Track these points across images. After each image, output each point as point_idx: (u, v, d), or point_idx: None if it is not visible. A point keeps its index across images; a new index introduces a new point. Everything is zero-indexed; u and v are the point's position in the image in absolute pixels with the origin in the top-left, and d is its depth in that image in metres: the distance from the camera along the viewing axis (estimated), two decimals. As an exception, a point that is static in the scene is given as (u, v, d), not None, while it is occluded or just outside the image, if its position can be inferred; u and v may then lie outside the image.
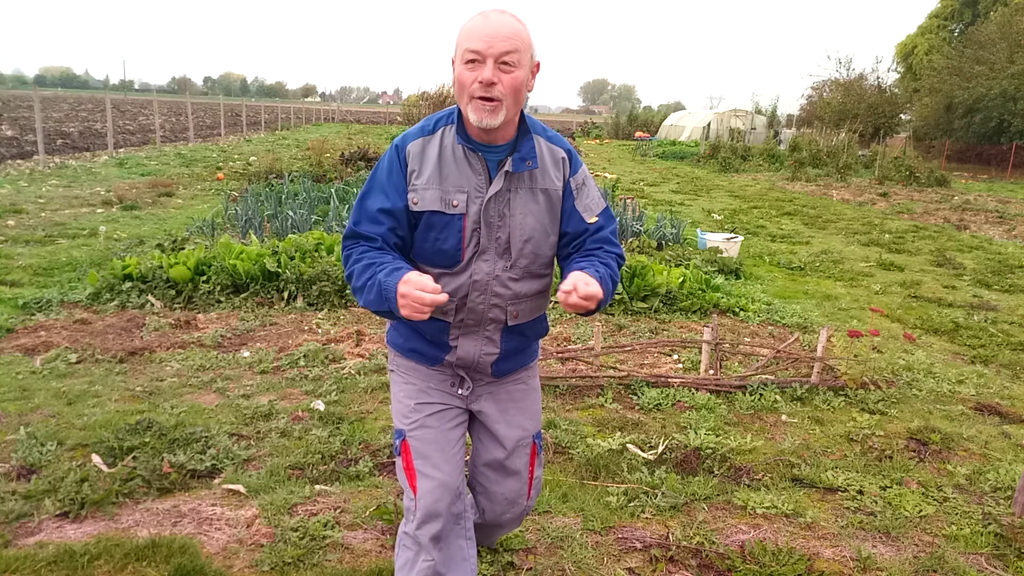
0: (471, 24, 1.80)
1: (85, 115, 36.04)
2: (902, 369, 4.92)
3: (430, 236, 1.91)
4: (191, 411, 3.77)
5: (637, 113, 51.56)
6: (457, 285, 1.93)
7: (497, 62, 1.76)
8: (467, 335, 2.00)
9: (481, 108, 1.79)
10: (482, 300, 1.95)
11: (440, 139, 1.90)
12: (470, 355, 2.02)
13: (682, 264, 7.27)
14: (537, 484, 2.25)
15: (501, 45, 1.76)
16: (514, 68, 1.78)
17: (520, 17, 1.84)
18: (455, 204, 1.88)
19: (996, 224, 13.12)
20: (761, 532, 2.93)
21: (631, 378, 4.40)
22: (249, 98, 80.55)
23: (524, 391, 2.17)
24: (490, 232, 1.91)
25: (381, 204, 1.90)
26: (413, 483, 2.00)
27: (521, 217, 1.92)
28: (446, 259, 1.92)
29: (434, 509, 1.97)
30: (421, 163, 1.89)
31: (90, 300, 5.63)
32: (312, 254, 6.27)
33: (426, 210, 1.88)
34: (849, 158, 23.55)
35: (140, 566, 2.51)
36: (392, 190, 1.90)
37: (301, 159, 15.86)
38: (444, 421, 2.04)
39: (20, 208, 9.59)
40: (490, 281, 1.94)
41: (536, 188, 1.93)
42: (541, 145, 1.95)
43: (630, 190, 15.42)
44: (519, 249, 1.93)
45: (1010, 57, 28.28)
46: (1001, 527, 3.01)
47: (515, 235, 1.92)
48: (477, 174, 1.89)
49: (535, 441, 2.19)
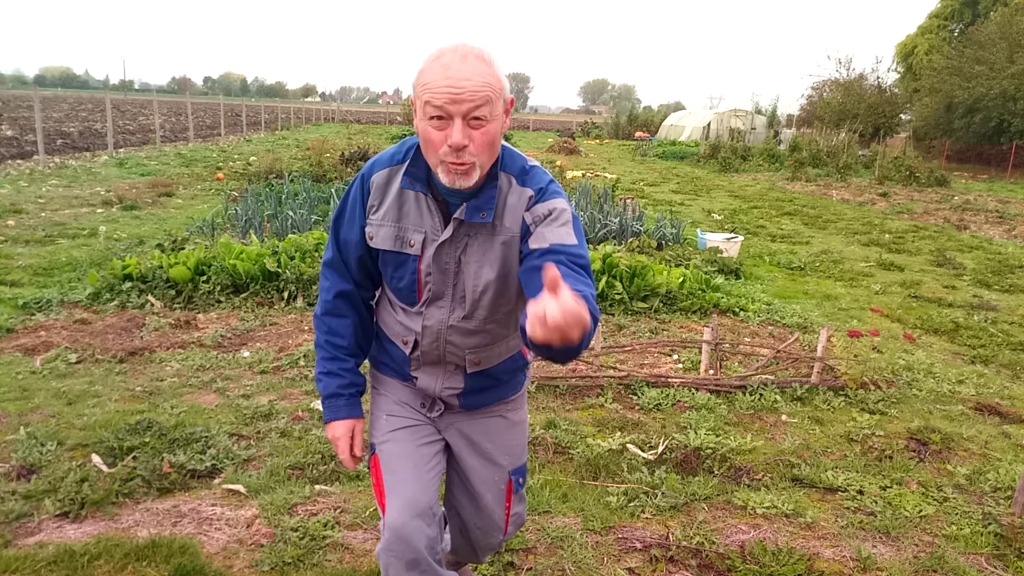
0: (431, 74, 1.54)
1: (85, 115, 36.04)
2: (902, 369, 4.92)
3: (387, 272, 1.81)
4: (191, 411, 3.77)
5: (637, 113, 51.54)
6: (413, 324, 1.82)
7: (466, 119, 1.54)
8: (426, 370, 1.87)
9: (453, 172, 1.59)
10: (436, 346, 1.82)
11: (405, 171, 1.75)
12: (431, 388, 1.88)
13: (682, 264, 7.27)
14: (516, 520, 2.09)
15: (470, 101, 1.52)
16: (486, 122, 1.56)
17: (485, 53, 1.59)
18: (411, 244, 1.74)
19: (996, 224, 13.12)
20: (761, 532, 2.93)
21: (631, 378, 4.40)
22: (249, 98, 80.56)
23: (502, 425, 1.97)
24: (445, 279, 1.75)
25: (346, 235, 1.84)
26: (382, 501, 1.84)
27: (476, 267, 1.73)
28: (404, 297, 1.82)
29: (403, 527, 1.75)
30: (382, 197, 1.76)
31: (90, 300, 5.63)
32: (312, 254, 6.27)
33: (379, 248, 1.77)
34: (849, 158, 23.55)
35: (140, 566, 2.51)
36: (356, 222, 1.82)
37: (301, 159, 15.86)
38: (416, 437, 1.89)
39: (20, 208, 9.59)
40: (442, 330, 1.79)
41: (496, 237, 1.70)
42: (508, 189, 1.70)
43: (630, 190, 15.43)
44: (475, 300, 1.76)
45: (1010, 57, 28.27)
46: (1001, 527, 3.01)
47: (469, 284, 1.74)
48: (433, 217, 1.72)
49: (512, 478, 1.99)
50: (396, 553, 1.77)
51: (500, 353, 1.89)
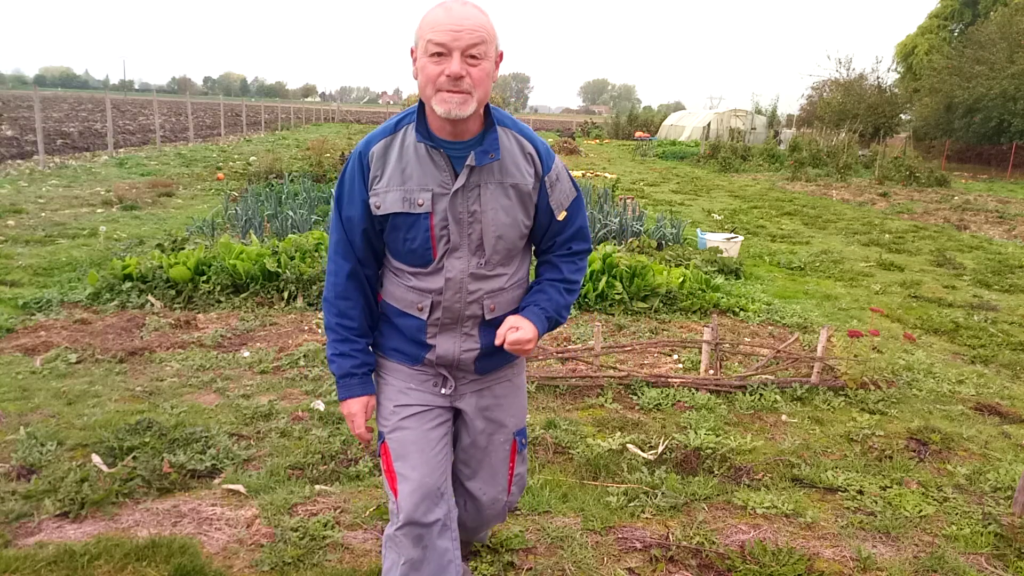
0: (433, 16, 1.76)
1: (85, 115, 36.05)
2: (902, 369, 4.92)
3: (398, 237, 1.90)
4: (191, 411, 3.77)
5: (637, 113, 51.54)
6: (429, 284, 1.93)
7: (464, 55, 1.73)
8: (445, 333, 1.98)
9: (449, 100, 1.74)
10: (458, 298, 1.94)
11: (402, 138, 1.88)
12: (450, 353, 1.99)
13: (682, 264, 7.27)
14: (519, 480, 2.24)
15: (468, 38, 1.72)
16: (480, 60, 1.75)
17: (482, 7, 1.81)
18: (420, 203, 1.85)
19: (996, 224, 13.11)
20: (761, 532, 2.93)
21: (631, 378, 4.40)
22: (249, 98, 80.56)
23: (508, 389, 2.14)
24: (461, 229, 1.88)
25: (348, 212, 1.92)
26: (394, 485, 1.97)
27: (492, 213, 1.89)
28: (417, 259, 1.91)
29: (414, 512, 1.93)
30: (383, 166, 1.88)
31: (90, 300, 5.63)
32: (312, 254, 6.27)
33: (389, 213, 1.87)
34: (849, 158, 23.55)
35: (140, 566, 2.51)
36: (357, 197, 1.91)
37: (301, 159, 15.85)
38: (424, 422, 2.00)
39: (20, 208, 9.60)
40: (463, 279, 1.92)
41: (506, 183, 1.90)
42: (508, 137, 1.92)
43: (630, 190, 15.43)
44: (492, 245, 1.92)
45: (1010, 57, 28.25)
46: (1001, 527, 3.01)
47: (487, 231, 1.90)
48: (441, 171, 1.86)
49: (516, 438, 2.17)
50: (405, 532, 1.94)
51: (511, 300, 2.03)
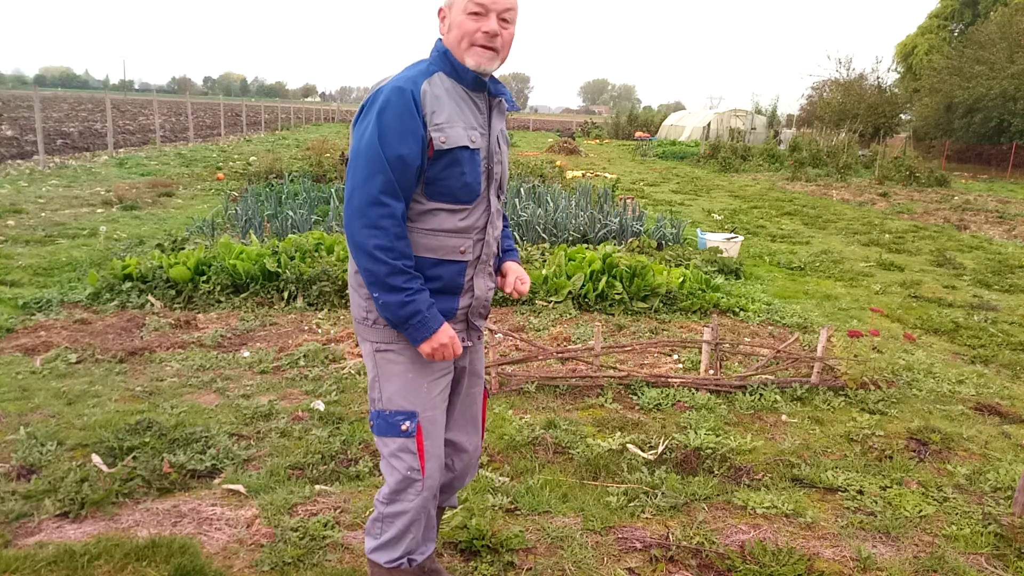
0: None
1: (85, 115, 36.04)
2: (902, 369, 4.92)
3: (455, 172, 1.98)
4: (191, 411, 3.77)
5: (637, 113, 51.51)
6: (475, 221, 2.06)
7: (499, 17, 1.95)
8: (479, 273, 2.12)
9: (482, 54, 1.95)
10: (494, 235, 2.13)
11: (440, 83, 1.99)
12: (483, 292, 2.14)
13: (682, 264, 7.27)
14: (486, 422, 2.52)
15: (504, 2, 1.95)
16: (510, 24, 1.99)
17: None
18: (473, 140, 2.00)
19: (996, 224, 13.11)
20: (761, 532, 2.93)
21: (631, 378, 4.40)
22: (249, 98, 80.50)
23: (480, 345, 2.32)
24: (492, 166, 2.08)
25: (396, 151, 1.88)
26: (423, 463, 2.08)
27: (504, 148, 2.15)
28: (469, 193, 2.02)
29: (435, 484, 2.13)
30: (438, 102, 1.96)
31: (90, 300, 5.63)
32: (312, 254, 6.28)
33: (455, 146, 1.96)
34: (849, 158, 23.55)
35: (140, 566, 2.51)
36: (410, 134, 1.89)
37: (301, 159, 15.85)
38: (446, 396, 2.17)
39: (20, 208, 9.60)
40: (494, 213, 2.11)
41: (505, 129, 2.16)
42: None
43: (630, 190, 15.42)
44: (506, 179, 2.18)
45: (1010, 57, 28.26)
46: (1001, 527, 3.01)
47: (504, 169, 2.15)
48: (481, 112, 2.05)
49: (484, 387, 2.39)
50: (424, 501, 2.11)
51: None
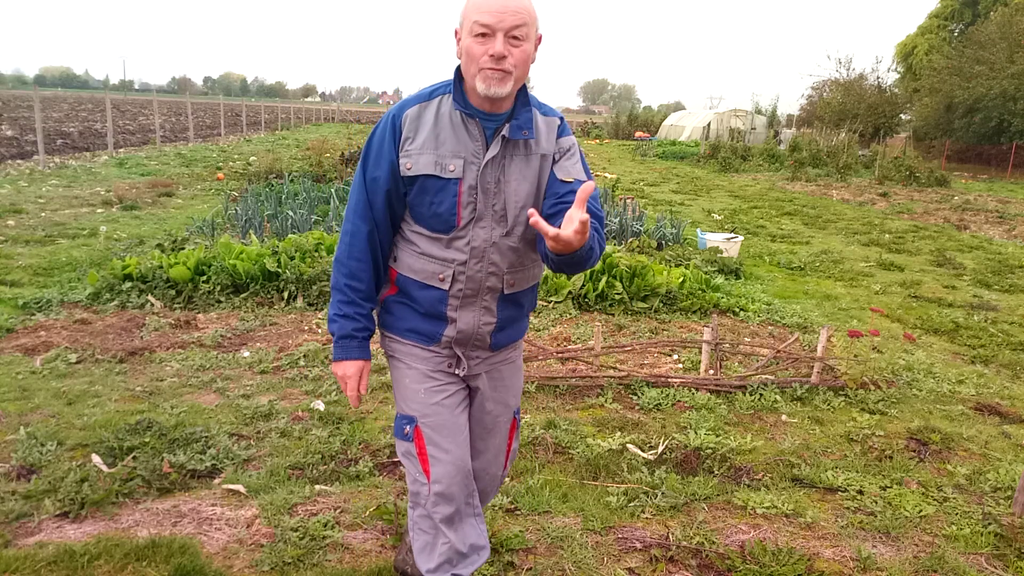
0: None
1: (85, 115, 36.04)
2: (902, 369, 4.92)
3: (425, 200, 1.95)
4: (191, 411, 3.77)
5: (637, 113, 51.49)
6: (455, 254, 1.98)
7: (507, 36, 1.82)
8: (466, 306, 2.03)
9: (491, 77, 1.83)
10: (480, 268, 2.00)
11: (437, 106, 1.95)
12: (470, 326, 2.05)
13: (682, 264, 7.27)
14: (512, 455, 2.36)
15: (511, 19, 1.81)
16: (522, 41, 1.84)
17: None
18: (451, 169, 1.92)
19: (996, 224, 13.11)
20: (761, 532, 2.93)
21: (631, 378, 4.40)
22: (249, 98, 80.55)
23: (512, 369, 2.24)
24: (487, 199, 1.95)
25: (373, 173, 1.97)
26: (426, 467, 2.05)
27: (516, 183, 1.96)
28: (441, 223, 1.96)
29: (448, 491, 2.05)
30: (416, 128, 1.94)
31: (90, 300, 5.63)
32: (312, 254, 6.27)
33: (419, 174, 1.92)
34: (849, 158, 23.54)
35: (140, 566, 2.51)
36: (385, 158, 1.96)
37: (301, 159, 15.85)
38: (453, 405, 2.10)
39: (20, 208, 9.59)
40: (487, 248, 1.98)
41: (532, 154, 1.97)
42: (538, 116, 2.01)
43: (630, 190, 15.42)
44: (515, 216, 1.98)
45: (1010, 57, 28.24)
46: (1001, 527, 3.01)
47: (511, 201, 1.97)
48: (474, 140, 1.93)
49: (515, 417, 2.30)
50: (440, 511, 2.06)
51: (528, 278, 2.11)
